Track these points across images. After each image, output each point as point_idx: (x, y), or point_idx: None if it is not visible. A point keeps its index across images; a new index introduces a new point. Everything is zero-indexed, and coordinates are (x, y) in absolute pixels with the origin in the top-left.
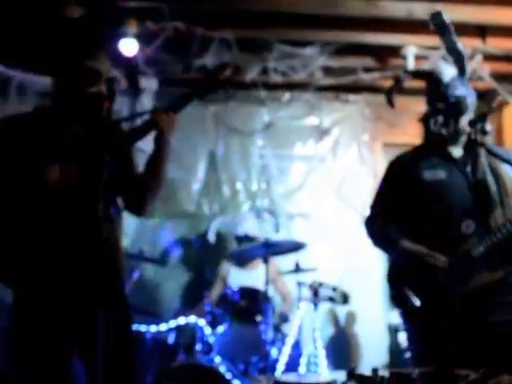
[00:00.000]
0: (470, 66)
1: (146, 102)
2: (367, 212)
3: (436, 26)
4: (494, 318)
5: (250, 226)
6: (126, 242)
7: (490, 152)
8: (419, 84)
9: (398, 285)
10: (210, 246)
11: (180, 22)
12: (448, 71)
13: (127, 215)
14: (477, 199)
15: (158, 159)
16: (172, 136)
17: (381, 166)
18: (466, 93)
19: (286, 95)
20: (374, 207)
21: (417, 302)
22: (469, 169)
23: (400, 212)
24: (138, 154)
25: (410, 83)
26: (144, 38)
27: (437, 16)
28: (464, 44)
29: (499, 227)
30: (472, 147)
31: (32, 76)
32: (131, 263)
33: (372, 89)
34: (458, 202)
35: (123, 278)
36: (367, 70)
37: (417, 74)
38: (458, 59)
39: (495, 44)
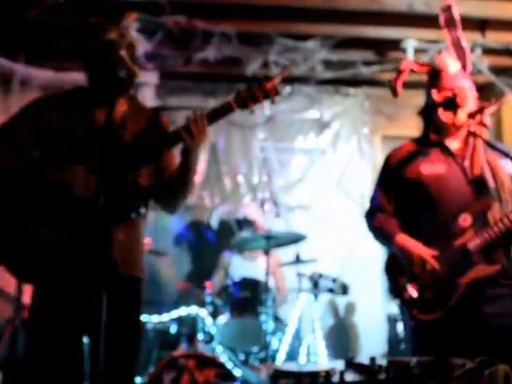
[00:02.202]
0: (471, 62)
1: (148, 96)
2: (367, 205)
3: (445, 19)
4: (489, 310)
5: (249, 211)
6: None
7: (488, 145)
8: (419, 77)
9: (396, 276)
10: (212, 235)
11: (180, 16)
12: (453, 63)
13: None
14: (475, 193)
15: (186, 170)
16: (201, 148)
17: (380, 159)
18: (468, 86)
19: (287, 89)
20: (372, 201)
21: (414, 294)
22: (467, 163)
23: (398, 205)
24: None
25: (410, 77)
26: (145, 33)
27: (447, 10)
28: (464, 37)
29: (497, 222)
30: (471, 140)
31: (35, 69)
32: None
33: (372, 82)
34: (456, 196)
35: (138, 275)
36: (367, 63)
37: (422, 64)
38: (461, 54)
39: (495, 38)
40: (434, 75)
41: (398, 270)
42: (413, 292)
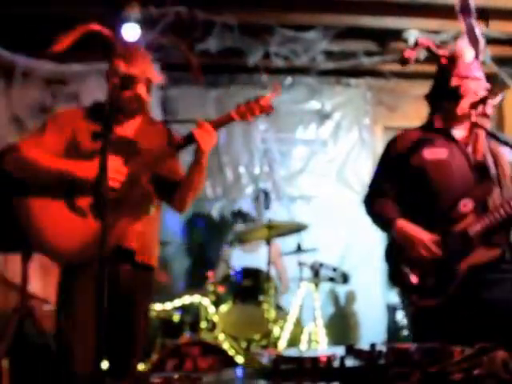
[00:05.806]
0: (483, 51)
1: None
2: (366, 191)
3: (460, 6)
4: (489, 296)
5: (245, 203)
6: None
7: (489, 134)
8: (420, 68)
9: (396, 262)
10: (214, 226)
11: (182, 7)
12: (469, 52)
13: None
14: (477, 179)
15: (196, 169)
16: (210, 150)
17: (381, 150)
18: (481, 76)
19: (288, 79)
20: (371, 186)
21: (414, 279)
22: (469, 150)
23: (399, 190)
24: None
25: (412, 67)
26: (146, 23)
27: None
28: (478, 26)
29: (497, 207)
30: (474, 129)
31: (36, 61)
32: None
33: (373, 73)
34: (458, 181)
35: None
36: (368, 54)
37: (438, 46)
38: (474, 42)
39: (498, 28)
40: (451, 62)
41: (397, 256)
42: (413, 278)
